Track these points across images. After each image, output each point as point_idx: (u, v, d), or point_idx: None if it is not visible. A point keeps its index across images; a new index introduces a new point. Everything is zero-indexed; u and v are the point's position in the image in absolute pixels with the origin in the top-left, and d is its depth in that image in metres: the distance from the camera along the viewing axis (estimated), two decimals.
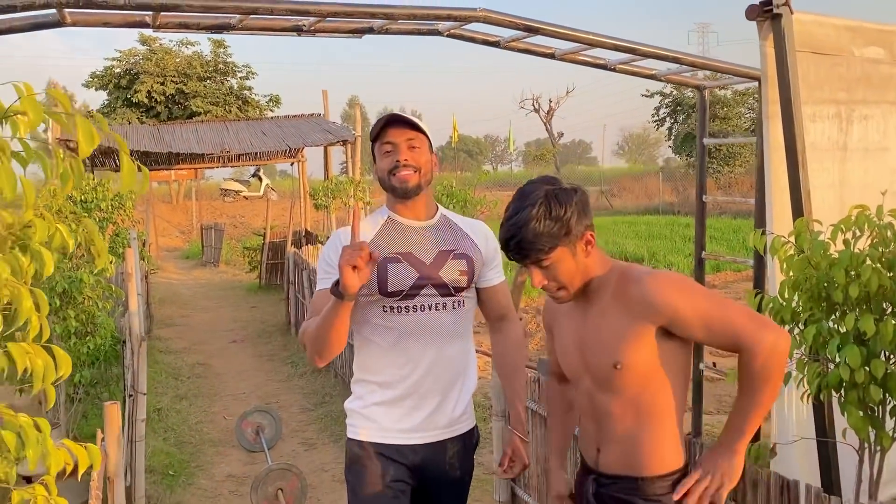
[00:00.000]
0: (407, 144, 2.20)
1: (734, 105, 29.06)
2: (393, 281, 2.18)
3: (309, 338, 2.14)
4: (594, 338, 1.85)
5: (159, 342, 9.66)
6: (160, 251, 19.67)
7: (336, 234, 2.31)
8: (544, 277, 1.81)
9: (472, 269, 2.27)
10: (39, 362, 1.47)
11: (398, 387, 2.22)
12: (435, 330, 2.22)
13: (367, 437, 2.25)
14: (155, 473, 5.23)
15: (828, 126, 3.57)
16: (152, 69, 27.59)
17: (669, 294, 1.73)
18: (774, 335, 1.69)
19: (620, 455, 1.86)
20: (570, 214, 1.75)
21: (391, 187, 2.23)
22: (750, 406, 1.74)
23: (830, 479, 3.10)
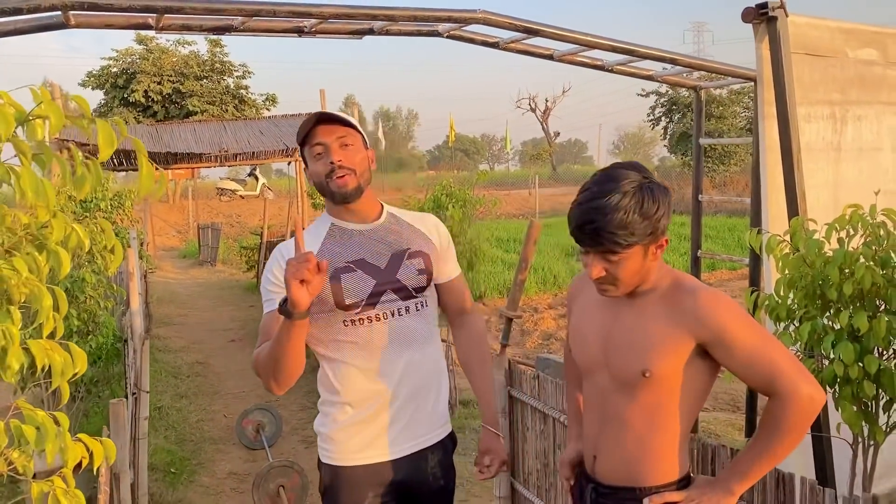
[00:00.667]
0: (339, 143, 2.04)
1: (730, 104, 29.14)
2: (349, 292, 2.03)
3: (262, 366, 1.96)
4: (625, 337, 1.74)
5: (158, 341, 9.69)
6: (157, 250, 19.69)
7: (278, 250, 2.12)
8: (604, 270, 1.66)
9: (429, 266, 2.15)
10: (58, 358, 1.52)
11: (371, 403, 2.08)
12: (402, 337, 2.09)
13: (341, 462, 2.11)
14: (157, 471, 5.27)
15: (822, 126, 3.62)
16: (149, 68, 27.58)
17: (723, 315, 1.64)
18: (813, 390, 1.61)
19: (620, 464, 1.79)
20: (661, 215, 1.62)
21: (329, 193, 2.07)
22: (764, 452, 1.67)
23: (825, 473, 3.16)
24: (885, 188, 3.05)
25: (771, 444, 1.66)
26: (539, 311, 11.36)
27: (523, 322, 10.51)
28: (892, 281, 2.52)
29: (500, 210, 21.79)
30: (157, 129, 13.07)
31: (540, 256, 15.14)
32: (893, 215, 2.63)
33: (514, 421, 3.76)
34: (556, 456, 3.41)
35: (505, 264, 14.22)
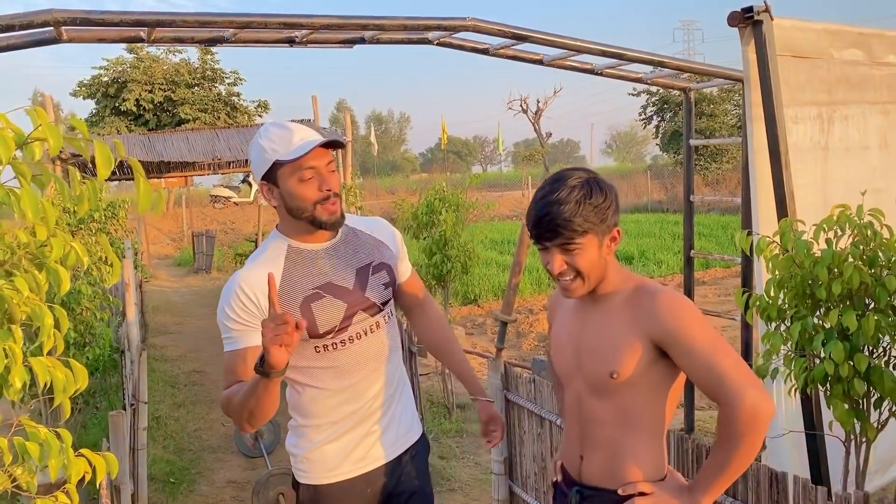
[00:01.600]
0: (328, 169, 1.96)
1: (720, 102, 29.26)
2: (322, 320, 1.96)
3: (234, 412, 1.90)
4: (593, 342, 1.82)
5: (154, 350, 9.69)
6: (152, 259, 19.65)
7: (238, 284, 1.95)
8: (565, 263, 1.75)
9: (393, 278, 2.13)
10: (60, 375, 1.54)
11: (347, 421, 2.06)
12: (375, 353, 2.07)
13: (319, 480, 2.08)
14: (156, 481, 5.28)
15: (810, 127, 3.66)
16: (140, 77, 27.56)
17: (678, 316, 1.70)
18: (757, 400, 1.62)
19: (603, 464, 1.84)
20: (608, 203, 1.74)
21: (312, 218, 1.96)
22: (723, 465, 1.70)
23: (819, 471, 3.19)
24: (872, 187, 3.08)
25: (727, 457, 1.68)
26: (534, 313, 11.39)
27: (519, 324, 10.55)
28: (879, 280, 2.55)
29: (494, 212, 21.83)
30: (149, 139, 13.06)
31: (534, 258, 15.15)
32: (880, 215, 2.66)
33: (511, 424, 3.80)
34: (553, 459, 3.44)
35: (499, 266, 14.26)
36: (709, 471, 1.74)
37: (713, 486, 1.73)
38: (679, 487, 1.80)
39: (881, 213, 2.64)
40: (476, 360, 7.85)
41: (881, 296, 2.53)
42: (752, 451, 1.67)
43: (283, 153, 1.92)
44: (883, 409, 2.69)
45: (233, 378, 1.94)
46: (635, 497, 1.78)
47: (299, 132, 1.94)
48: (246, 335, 1.93)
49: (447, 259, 7.09)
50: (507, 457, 3.87)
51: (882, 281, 2.53)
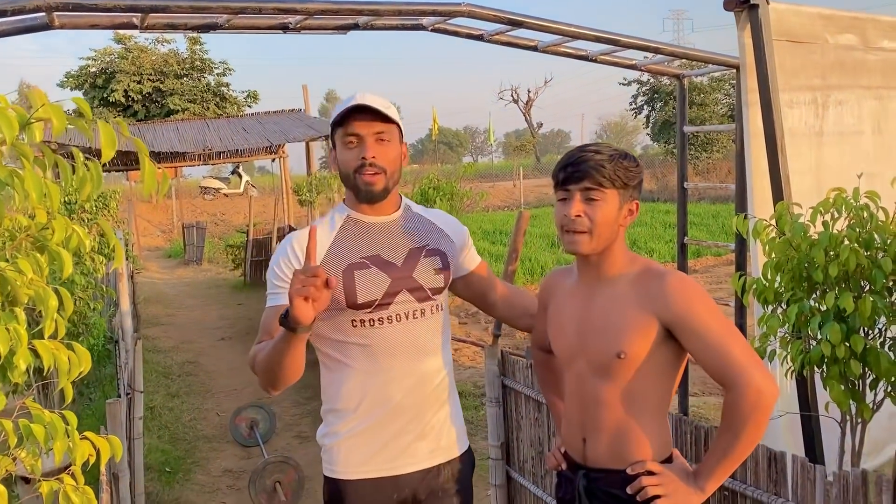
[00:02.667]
0: (375, 138, 1.90)
1: (711, 91, 29.32)
2: (362, 290, 1.89)
3: (260, 369, 1.85)
4: (599, 323, 1.81)
5: (147, 341, 9.66)
6: (142, 251, 19.56)
7: (290, 241, 1.96)
8: (582, 210, 1.75)
9: (447, 266, 2.02)
10: (64, 358, 1.54)
11: (378, 412, 1.94)
12: (415, 342, 1.96)
13: (345, 475, 1.97)
14: (152, 471, 5.28)
15: (804, 112, 3.68)
16: (128, 68, 27.35)
17: (686, 297, 1.71)
18: (763, 383, 1.64)
19: (608, 446, 1.83)
20: (637, 172, 1.78)
21: (354, 187, 1.94)
22: (728, 451, 1.71)
23: (814, 452, 3.22)
24: (866, 171, 3.10)
25: (732, 441, 1.70)
26: None
27: None
28: (875, 262, 2.57)
29: (486, 202, 21.83)
30: (139, 129, 13.00)
31: (527, 248, 15.21)
32: (876, 197, 2.68)
33: (509, 410, 3.81)
34: (550, 443, 3.45)
35: (492, 256, 14.27)
36: (714, 455, 1.75)
37: (718, 470, 1.74)
38: (685, 471, 1.81)
39: (877, 196, 2.66)
40: (471, 349, 7.87)
41: (877, 278, 2.55)
42: (758, 434, 1.68)
43: (336, 112, 1.93)
44: (878, 390, 2.72)
45: (265, 334, 1.90)
46: (642, 476, 1.78)
47: (360, 98, 1.89)
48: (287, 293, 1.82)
49: None
50: (504, 442, 3.88)
51: (878, 263, 2.55)
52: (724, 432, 1.71)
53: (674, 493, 1.76)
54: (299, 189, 11.99)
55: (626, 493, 1.80)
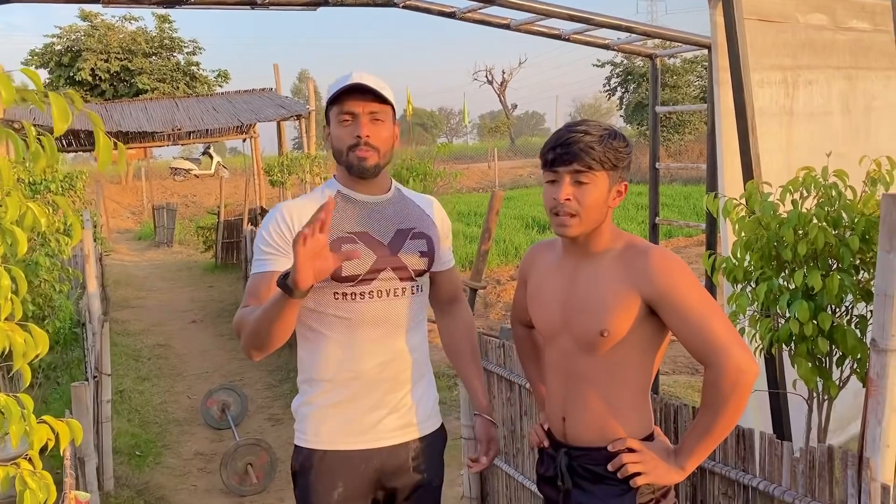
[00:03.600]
0: (369, 117, 1.94)
1: (683, 73, 29.45)
2: (348, 264, 1.91)
3: (247, 332, 1.86)
4: (582, 300, 1.79)
5: (117, 324, 9.53)
6: (112, 233, 19.27)
7: (278, 209, 2.00)
8: (571, 194, 1.73)
9: (432, 251, 2.07)
10: (19, 339, 1.49)
11: (352, 384, 1.98)
12: (394, 319, 1.99)
13: (315, 445, 2.00)
14: (121, 454, 5.22)
15: (775, 91, 3.69)
16: (95, 46, 26.74)
17: (668, 273, 1.69)
18: (742, 361, 1.63)
19: (589, 423, 1.83)
20: (627, 152, 1.76)
21: (347, 163, 1.98)
22: (708, 429, 1.71)
23: (782, 429, 3.26)
24: (836, 150, 3.12)
25: (712, 419, 1.70)
26: (501, 283, 11.44)
27: (486, 294, 10.58)
28: (843, 240, 2.59)
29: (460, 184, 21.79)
30: (106, 108, 12.74)
31: (501, 229, 15.22)
32: (844, 177, 2.70)
33: None
34: (522, 423, 3.46)
35: (466, 238, 14.27)
36: (694, 434, 1.75)
37: (698, 448, 1.75)
38: (666, 450, 1.81)
39: (845, 175, 2.68)
40: None
41: (845, 256, 2.57)
42: (738, 413, 1.68)
43: (332, 91, 1.96)
44: (845, 367, 2.75)
45: (253, 300, 1.91)
46: (623, 454, 1.78)
47: (357, 77, 1.92)
48: (275, 260, 1.92)
49: None
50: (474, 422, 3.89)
51: (846, 241, 2.57)
52: (705, 411, 1.71)
53: (653, 471, 1.77)
54: (270, 170, 11.85)
55: (607, 470, 1.80)
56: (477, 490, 3.94)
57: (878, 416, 1.92)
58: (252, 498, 4.63)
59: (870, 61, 4.20)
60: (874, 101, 4.25)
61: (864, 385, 2.00)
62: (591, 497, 1.84)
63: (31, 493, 1.52)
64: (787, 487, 2.10)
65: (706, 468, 2.37)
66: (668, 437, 2.45)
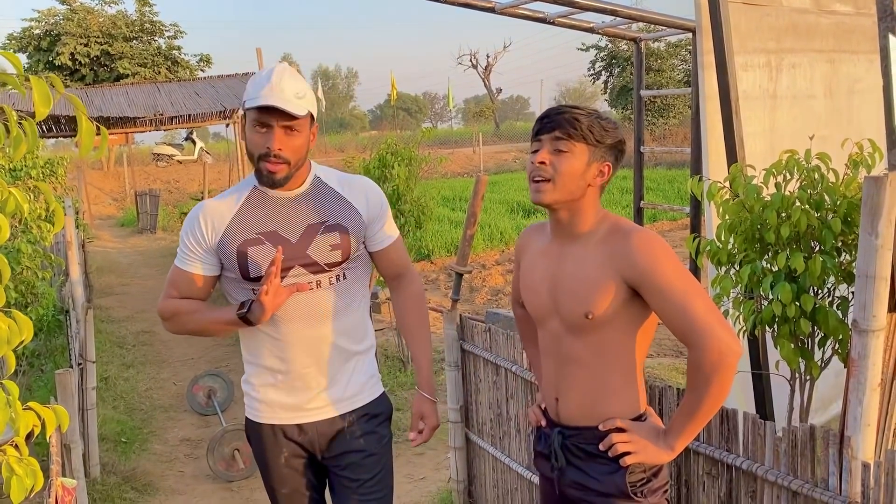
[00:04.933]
0: (283, 130, 1.97)
1: (667, 57, 29.48)
2: (254, 265, 2.02)
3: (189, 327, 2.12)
4: (568, 282, 1.82)
5: (101, 311, 9.46)
6: (94, 220, 19.08)
7: (199, 208, 2.11)
8: (548, 159, 1.77)
9: (346, 242, 2.09)
10: (3, 326, 1.47)
11: (279, 368, 2.12)
12: (311, 311, 2.08)
13: (258, 418, 2.19)
14: (108, 441, 5.20)
15: (759, 75, 3.70)
16: (74, 30, 26.35)
17: (650, 255, 1.70)
18: (724, 343, 1.64)
19: (581, 403, 1.86)
20: (614, 134, 1.80)
21: (257, 170, 2.04)
22: (694, 410, 1.74)
23: (765, 409, 3.30)
24: (818, 134, 3.15)
25: (697, 400, 1.72)
26: (487, 268, 11.46)
27: (472, 279, 10.60)
28: (826, 223, 2.61)
29: (445, 168, 21.75)
30: (87, 93, 12.58)
31: (486, 214, 15.22)
32: (827, 159, 2.72)
33: (468, 374, 3.82)
34: (508, 406, 3.48)
35: (452, 223, 14.26)
36: (681, 415, 1.78)
37: (686, 429, 1.78)
38: (656, 430, 1.83)
39: (828, 158, 2.69)
40: (431, 315, 7.87)
41: (827, 238, 2.59)
42: (722, 392, 1.70)
43: (250, 97, 1.97)
44: (826, 348, 2.78)
45: (175, 290, 2.13)
46: (612, 433, 1.81)
47: (276, 88, 1.93)
48: (193, 261, 2.10)
49: (400, 214, 7.04)
50: (463, 405, 3.91)
51: (828, 224, 2.59)
52: (690, 391, 1.73)
53: (643, 451, 1.80)
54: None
55: (597, 449, 1.84)
56: (464, 473, 3.97)
57: (859, 396, 1.95)
58: (239, 483, 4.63)
59: (853, 45, 4.22)
60: (857, 84, 4.27)
61: (846, 365, 2.03)
62: (584, 475, 1.88)
63: (18, 479, 1.52)
64: (770, 466, 2.13)
65: (691, 448, 2.41)
66: None
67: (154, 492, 4.63)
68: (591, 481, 1.86)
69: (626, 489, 1.82)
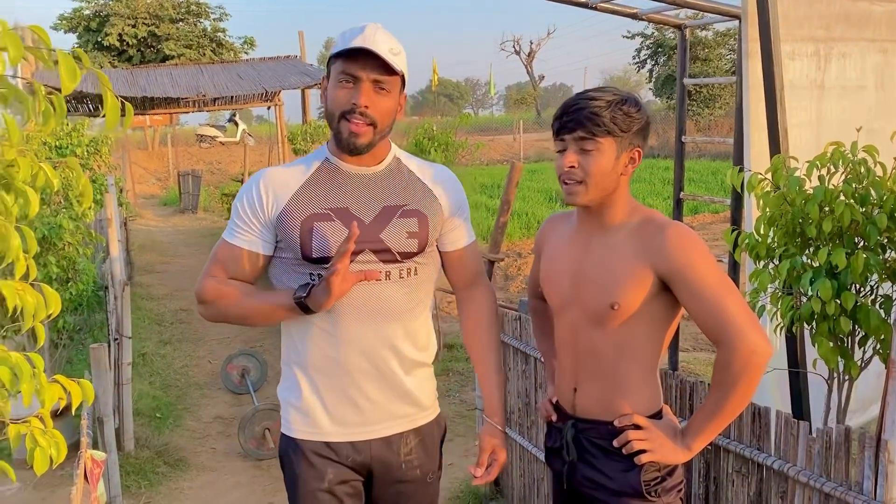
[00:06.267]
0: (373, 86, 1.73)
1: (715, 46, 28.88)
2: (318, 244, 1.76)
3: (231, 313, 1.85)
4: (594, 272, 1.76)
5: (140, 289, 9.65)
6: (137, 198, 19.45)
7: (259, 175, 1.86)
8: (576, 161, 1.70)
9: (425, 231, 1.84)
10: (30, 299, 1.49)
11: (333, 373, 1.83)
12: (375, 306, 1.80)
13: (299, 435, 1.86)
14: (142, 416, 5.30)
15: (806, 64, 3.59)
16: (123, 11, 26.82)
17: (684, 250, 1.65)
18: (757, 342, 1.59)
19: (598, 396, 1.81)
20: (639, 119, 1.71)
21: (336, 131, 1.77)
22: (716, 410, 1.68)
23: (801, 408, 3.22)
24: (868, 126, 3.03)
25: (721, 399, 1.66)
26: (522, 256, 11.39)
27: (507, 267, 10.56)
28: (870, 218, 2.52)
29: (484, 156, 21.66)
30: (132, 73, 12.78)
31: (524, 202, 15.13)
32: (874, 152, 2.62)
33: None
34: (537, 395, 3.45)
35: (489, 210, 14.20)
36: (702, 414, 1.73)
37: (706, 428, 1.72)
38: (673, 429, 1.79)
39: (876, 151, 2.60)
40: None
41: (871, 234, 2.50)
42: (748, 394, 1.64)
43: (337, 47, 1.74)
44: (867, 348, 2.69)
45: (219, 269, 1.87)
46: (629, 430, 1.77)
47: (370, 37, 1.70)
48: (247, 235, 1.83)
49: None
50: None
51: (873, 219, 2.50)
52: (714, 390, 1.68)
53: (659, 449, 1.75)
54: (294, 138, 11.84)
55: (612, 445, 1.79)
56: None
57: None
58: (269, 461, 4.69)
59: None
60: None
61: (886, 366, 1.95)
62: (596, 472, 1.83)
63: (42, 450, 1.54)
64: (803, 467, 2.07)
65: (720, 445, 2.35)
66: (682, 414, 2.43)
67: (186, 467, 4.71)
68: (603, 478, 1.81)
69: (640, 488, 1.77)
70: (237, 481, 4.55)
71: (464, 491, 4.14)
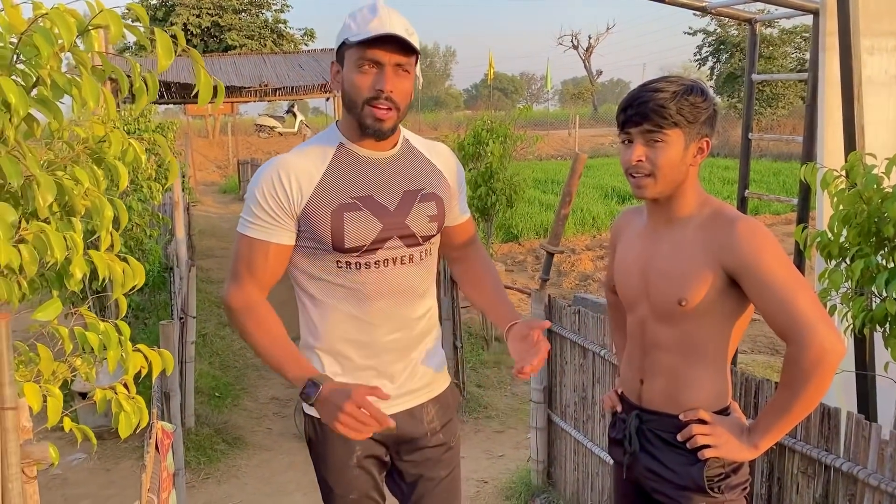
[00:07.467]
0: (395, 69, 1.71)
1: (780, 44, 28.13)
2: (351, 235, 1.76)
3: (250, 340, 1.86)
4: (663, 267, 1.75)
5: (200, 272, 9.88)
6: (198, 185, 19.90)
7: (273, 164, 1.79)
8: (644, 155, 1.68)
9: (442, 213, 1.89)
10: (119, 269, 1.55)
11: (358, 355, 1.87)
12: (400, 288, 1.85)
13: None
14: (202, 394, 5.45)
15: (886, 59, 3.47)
16: (188, 1, 27.47)
17: (754, 245, 1.62)
18: (828, 340, 1.54)
19: (664, 389, 1.80)
20: (707, 109, 1.68)
21: (360, 119, 1.75)
22: (785, 408, 1.65)
23: (867, 412, 3.14)
24: None
25: (791, 398, 1.63)
26: (577, 252, 11.31)
27: (560, 262, 10.49)
28: None
29: (539, 150, 21.48)
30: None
31: (578, 198, 14.99)
32: None
33: (553, 355, 3.79)
34: (594, 390, 3.44)
35: (542, 205, 14.13)
36: (771, 412, 1.69)
37: (774, 427, 1.69)
38: (740, 426, 1.76)
39: None
40: (517, 296, 7.85)
41: None
42: (819, 393, 1.60)
43: (354, 33, 1.70)
44: None
45: (244, 269, 1.82)
46: (693, 424, 1.75)
47: (386, 20, 1.68)
48: (271, 229, 1.77)
49: (492, 192, 7.03)
50: (547, 386, 3.88)
51: None
52: (784, 389, 1.64)
53: (724, 445, 1.73)
54: None
55: (676, 438, 1.78)
56: (544, 454, 3.96)
57: None
58: None
59: None
60: None
61: None
62: (658, 464, 1.82)
63: (126, 415, 1.61)
64: (874, 470, 2.02)
65: (786, 445, 2.31)
66: (747, 411, 2.40)
67: (243, 445, 4.83)
68: (666, 471, 1.80)
69: (702, 483, 1.75)
70: (292, 461, 4.64)
71: (515, 481, 4.15)
